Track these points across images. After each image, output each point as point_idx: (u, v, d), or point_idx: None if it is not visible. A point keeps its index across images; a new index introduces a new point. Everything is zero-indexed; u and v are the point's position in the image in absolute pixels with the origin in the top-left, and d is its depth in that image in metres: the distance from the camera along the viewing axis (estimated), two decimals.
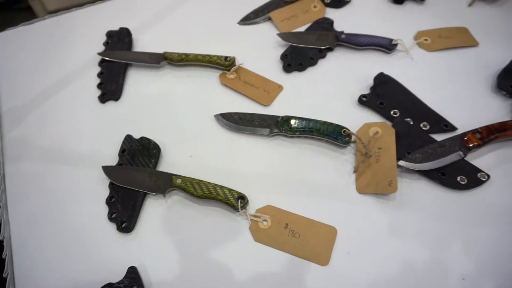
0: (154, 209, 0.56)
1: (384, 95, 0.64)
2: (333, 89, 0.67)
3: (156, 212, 0.55)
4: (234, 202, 0.52)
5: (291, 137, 0.61)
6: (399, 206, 0.54)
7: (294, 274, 0.50)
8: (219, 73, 0.69)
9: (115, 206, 0.55)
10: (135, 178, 0.56)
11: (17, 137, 0.64)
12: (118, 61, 0.70)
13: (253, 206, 0.55)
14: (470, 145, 0.56)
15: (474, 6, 0.78)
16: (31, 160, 0.61)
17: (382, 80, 0.65)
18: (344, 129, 0.58)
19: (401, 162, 0.56)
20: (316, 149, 0.60)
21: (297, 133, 0.59)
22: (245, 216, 0.54)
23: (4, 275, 0.52)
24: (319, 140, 0.60)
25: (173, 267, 0.51)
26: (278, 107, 0.65)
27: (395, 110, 0.62)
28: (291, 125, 0.59)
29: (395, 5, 0.79)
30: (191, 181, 0.54)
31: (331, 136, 0.58)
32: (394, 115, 0.62)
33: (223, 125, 0.62)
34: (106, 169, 0.57)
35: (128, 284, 0.48)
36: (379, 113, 0.63)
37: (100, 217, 0.55)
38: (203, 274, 0.50)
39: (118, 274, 0.50)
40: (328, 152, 0.59)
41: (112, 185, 0.57)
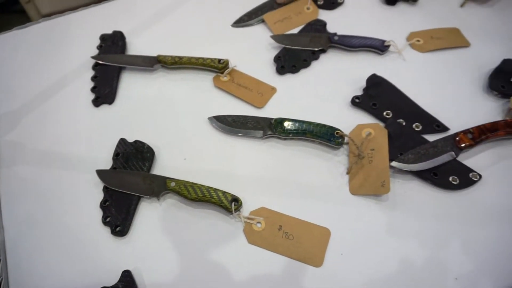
0: (148, 213, 0.56)
1: (377, 96, 0.64)
2: (326, 91, 0.67)
3: (150, 216, 0.55)
4: (228, 205, 0.53)
5: (285, 139, 0.61)
6: (392, 207, 0.55)
7: (288, 276, 0.50)
8: (213, 76, 0.69)
9: (109, 210, 0.55)
10: (129, 182, 0.56)
11: (11, 141, 0.64)
12: (112, 65, 0.70)
13: (247, 209, 0.55)
14: (462, 145, 0.57)
15: (466, 7, 0.78)
16: (25, 164, 0.61)
17: (375, 82, 0.65)
18: (337, 131, 0.58)
19: (394, 163, 0.56)
20: (310, 151, 0.60)
21: (291, 135, 0.59)
22: (239, 219, 0.54)
23: None
24: (313, 142, 0.60)
25: (168, 270, 0.51)
26: (272, 109, 0.65)
27: (388, 111, 0.63)
28: (285, 127, 0.59)
29: (388, 6, 0.79)
30: (185, 184, 0.54)
31: (324, 138, 0.58)
32: (387, 116, 0.62)
33: (217, 128, 0.62)
34: (100, 173, 0.58)
35: None
36: (372, 114, 0.63)
37: (94, 221, 0.55)
38: (198, 277, 0.50)
39: (113, 278, 0.50)
40: (322, 154, 0.60)
41: (106, 189, 0.57)
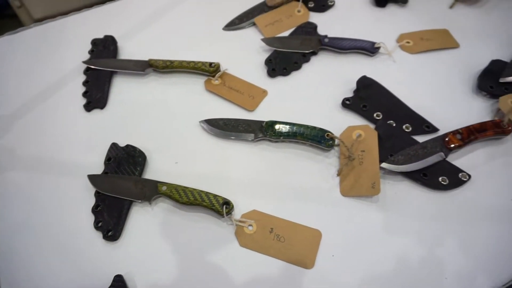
0: (140, 217, 0.56)
1: (367, 98, 0.64)
2: (317, 93, 0.67)
3: (142, 220, 0.56)
4: (219, 208, 0.53)
5: (276, 142, 0.61)
6: (383, 208, 0.55)
7: (280, 278, 0.50)
8: (204, 79, 0.69)
9: (101, 215, 0.55)
10: (121, 186, 0.56)
11: (2, 146, 0.64)
12: (103, 69, 0.70)
13: (239, 211, 0.55)
14: (451, 146, 0.57)
15: (455, 8, 0.79)
16: (16, 169, 0.61)
17: (365, 83, 0.66)
18: (328, 133, 0.59)
19: (384, 164, 0.56)
20: (301, 153, 0.60)
21: (282, 138, 0.60)
22: (231, 222, 0.54)
23: None
24: (303, 144, 0.61)
25: (160, 275, 0.51)
26: (263, 112, 0.65)
27: (378, 113, 0.63)
28: (275, 130, 0.59)
29: (378, 8, 0.80)
30: (176, 188, 0.55)
31: (315, 140, 0.58)
32: (377, 118, 0.63)
33: (208, 131, 0.63)
34: (92, 178, 0.58)
35: None
36: (363, 116, 0.64)
37: (86, 226, 0.55)
38: (190, 280, 0.51)
39: (105, 283, 0.50)
40: (313, 156, 0.60)
41: (98, 194, 0.57)
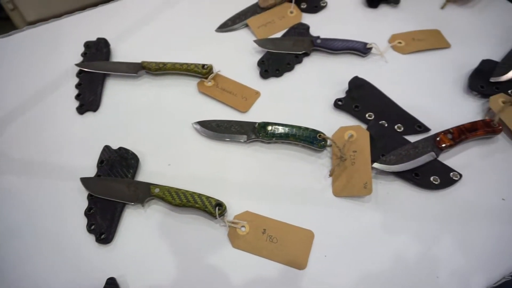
0: (133, 219, 0.56)
1: (359, 99, 0.65)
2: (310, 94, 0.68)
3: (135, 222, 0.55)
4: (212, 210, 0.53)
5: (268, 143, 0.61)
6: (375, 208, 0.55)
7: (273, 279, 0.50)
8: (197, 81, 0.69)
9: (94, 218, 0.55)
10: (114, 189, 0.56)
11: None
12: (96, 72, 0.70)
13: (232, 213, 0.55)
14: (442, 146, 0.57)
15: (446, 9, 0.80)
16: (9, 172, 0.61)
17: (357, 84, 0.66)
18: (320, 134, 0.59)
19: (376, 165, 0.57)
20: (293, 154, 0.61)
21: (274, 139, 0.60)
22: (224, 223, 0.54)
23: None
24: (296, 145, 0.61)
25: (153, 277, 0.51)
26: (256, 114, 0.66)
27: (370, 113, 0.63)
28: (268, 131, 0.60)
29: (370, 9, 0.80)
30: (169, 190, 0.55)
31: (307, 141, 0.59)
32: (369, 118, 0.63)
33: (201, 133, 0.63)
34: (85, 181, 0.58)
35: None
36: (355, 117, 0.64)
37: (79, 229, 0.55)
38: (183, 282, 0.51)
39: (97, 286, 0.50)
40: (305, 157, 0.60)
41: (91, 197, 0.57)
